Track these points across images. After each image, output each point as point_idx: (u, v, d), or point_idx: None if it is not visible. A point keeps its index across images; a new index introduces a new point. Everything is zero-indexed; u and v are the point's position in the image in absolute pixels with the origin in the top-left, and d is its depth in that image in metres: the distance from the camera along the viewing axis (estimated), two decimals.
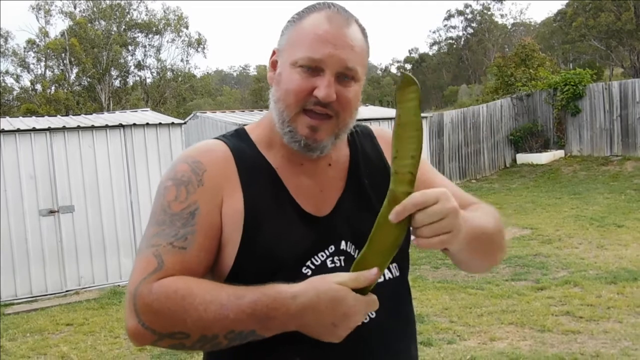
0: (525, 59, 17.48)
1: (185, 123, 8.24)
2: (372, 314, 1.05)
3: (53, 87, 28.72)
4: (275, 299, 0.94)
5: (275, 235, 1.05)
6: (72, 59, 28.03)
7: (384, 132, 1.26)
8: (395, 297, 1.14)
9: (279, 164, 1.11)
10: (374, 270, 0.95)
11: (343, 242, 1.09)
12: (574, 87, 14.04)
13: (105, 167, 7.19)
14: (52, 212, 6.93)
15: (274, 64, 1.11)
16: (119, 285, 7.00)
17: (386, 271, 1.11)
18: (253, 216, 1.04)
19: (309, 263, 1.06)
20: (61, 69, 28.83)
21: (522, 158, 14.66)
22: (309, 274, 1.05)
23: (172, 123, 7.64)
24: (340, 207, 1.12)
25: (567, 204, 10.12)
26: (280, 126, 1.07)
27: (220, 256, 1.05)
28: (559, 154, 14.37)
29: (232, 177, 1.07)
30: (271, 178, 1.09)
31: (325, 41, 1.03)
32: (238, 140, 1.13)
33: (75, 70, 28.94)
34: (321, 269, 1.06)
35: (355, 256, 1.06)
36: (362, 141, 1.20)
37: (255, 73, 49.65)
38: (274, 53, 1.12)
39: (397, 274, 1.16)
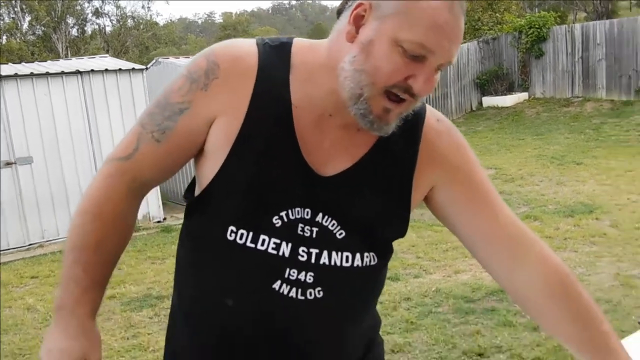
0: (492, 4, 17.38)
1: (147, 69, 8.03)
2: (320, 294, 1.00)
3: (4, 37, 27.51)
4: (61, 306, 1.02)
5: (259, 169, 0.98)
6: (24, 7, 26.78)
7: (439, 123, 1.09)
8: (358, 286, 1.05)
9: (304, 103, 1.00)
10: None
11: (321, 214, 1.00)
12: (538, 30, 14.09)
13: (63, 116, 6.99)
14: (8, 164, 6.75)
15: (357, 19, 0.94)
16: None
17: (357, 258, 1.03)
18: (244, 143, 0.98)
19: (282, 214, 0.99)
20: (12, 17, 27.56)
21: (488, 101, 14.80)
22: (278, 225, 0.99)
23: (133, 69, 7.45)
24: (345, 177, 1.01)
25: (530, 145, 10.33)
26: (354, 99, 0.95)
27: (204, 165, 1.04)
28: (523, 96, 14.55)
29: (242, 98, 0.99)
30: (283, 113, 1.00)
31: (443, 33, 0.91)
32: (276, 54, 1.02)
33: (27, 19, 27.71)
34: (290, 229, 0.99)
35: (333, 231, 1.00)
36: (406, 120, 1.02)
37: (221, 20, 48.36)
38: (360, 5, 0.94)
39: (373, 262, 1.05)
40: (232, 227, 0.99)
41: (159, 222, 7.38)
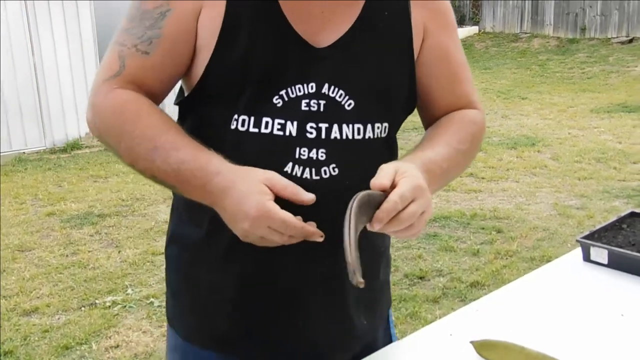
0: None
1: None
2: (335, 171, 0.94)
3: None
4: (202, 168, 0.87)
5: (251, 49, 0.92)
6: None
7: None
8: (372, 161, 0.96)
9: None
10: (310, 196, 0.86)
11: (327, 85, 0.95)
12: None
13: (2, 22, 6.50)
14: None
15: None
16: (24, 153, 6.64)
17: (369, 129, 0.97)
18: (232, 24, 0.92)
19: (282, 93, 0.93)
20: None
21: None
22: (279, 105, 0.93)
23: None
24: (344, 43, 0.95)
25: (478, 78, 10.41)
26: None
27: (195, 60, 0.96)
28: (473, 29, 14.57)
29: None
30: None
31: None
32: None
33: None
34: (293, 106, 0.94)
35: (341, 103, 0.94)
36: None
37: None
38: None
39: (384, 134, 1.00)
40: (232, 116, 0.94)
41: None
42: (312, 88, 0.94)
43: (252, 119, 0.94)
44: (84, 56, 6.90)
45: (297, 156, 0.93)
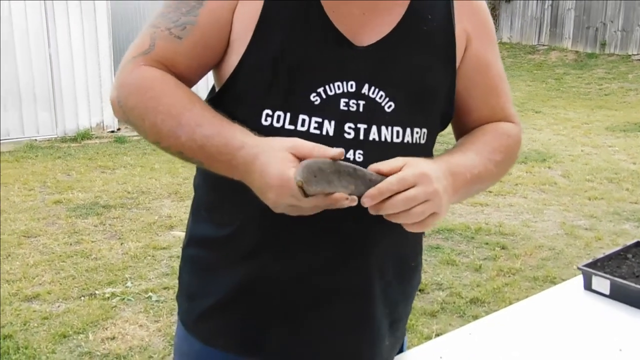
0: None
1: None
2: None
3: None
4: (226, 144, 0.86)
5: (286, 45, 0.91)
6: None
7: None
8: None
9: None
10: (339, 150, 0.82)
11: (367, 85, 0.93)
12: None
13: (20, 13, 6.53)
14: None
15: None
16: (35, 140, 6.68)
17: (408, 133, 0.95)
18: (269, 19, 0.92)
19: (320, 90, 0.91)
20: None
21: None
22: (317, 102, 0.91)
23: None
24: (386, 44, 0.94)
25: None
26: None
27: (228, 54, 0.95)
28: None
29: None
30: None
31: None
32: None
33: None
34: (331, 105, 0.91)
35: (381, 104, 0.93)
36: None
37: None
38: None
39: (422, 140, 0.98)
40: (266, 111, 0.92)
41: (112, 131, 7.15)
42: (351, 87, 0.92)
43: (289, 115, 0.91)
44: (98, 50, 6.92)
45: None
